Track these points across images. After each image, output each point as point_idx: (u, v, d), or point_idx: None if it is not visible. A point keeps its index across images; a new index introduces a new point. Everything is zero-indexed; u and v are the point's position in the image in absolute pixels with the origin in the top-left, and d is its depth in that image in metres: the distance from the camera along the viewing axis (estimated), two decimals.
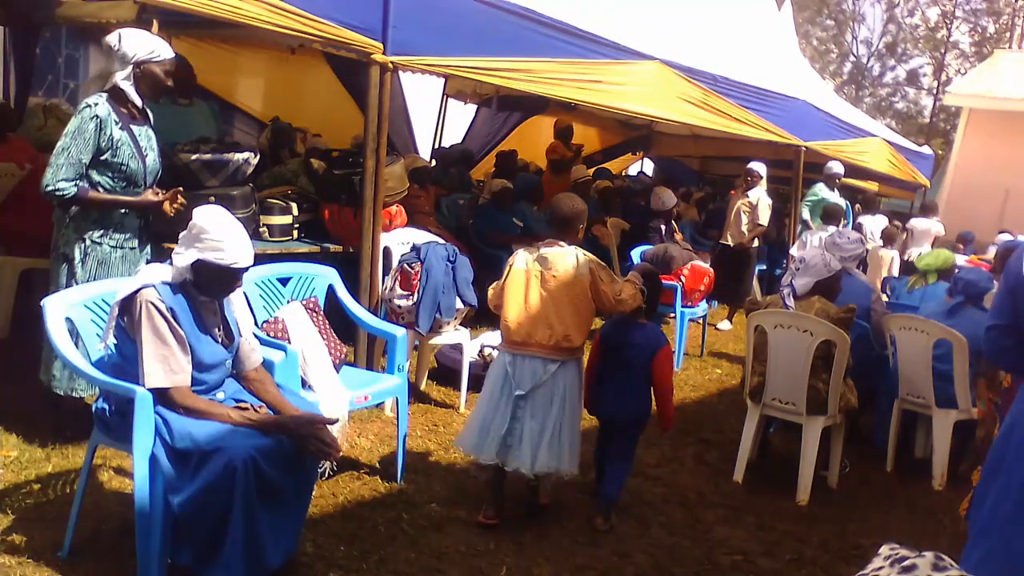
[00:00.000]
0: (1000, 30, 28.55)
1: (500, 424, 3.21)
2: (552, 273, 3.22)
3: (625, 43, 5.58)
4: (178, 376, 2.51)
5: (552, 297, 3.20)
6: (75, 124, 3.21)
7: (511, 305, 3.25)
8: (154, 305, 2.49)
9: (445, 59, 4.45)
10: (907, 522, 3.85)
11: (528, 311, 3.21)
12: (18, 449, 3.44)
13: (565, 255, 3.24)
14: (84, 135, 3.19)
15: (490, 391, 3.29)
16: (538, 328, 3.19)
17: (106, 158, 3.26)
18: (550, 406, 3.22)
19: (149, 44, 3.30)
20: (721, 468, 4.18)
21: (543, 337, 3.19)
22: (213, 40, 7.76)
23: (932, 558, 1.23)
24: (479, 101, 9.74)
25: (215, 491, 2.38)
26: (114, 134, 3.25)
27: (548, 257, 3.25)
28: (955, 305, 4.36)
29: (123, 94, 3.30)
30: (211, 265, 2.54)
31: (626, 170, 12.83)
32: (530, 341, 3.21)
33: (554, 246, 3.28)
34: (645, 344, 3.43)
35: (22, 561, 2.64)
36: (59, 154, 3.18)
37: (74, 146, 3.18)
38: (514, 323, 3.23)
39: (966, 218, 12.25)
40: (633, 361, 3.43)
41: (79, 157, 3.19)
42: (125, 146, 3.30)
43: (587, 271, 3.21)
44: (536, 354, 3.21)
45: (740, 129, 6.99)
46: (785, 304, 3.93)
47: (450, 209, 6.98)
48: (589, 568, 3.07)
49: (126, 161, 3.31)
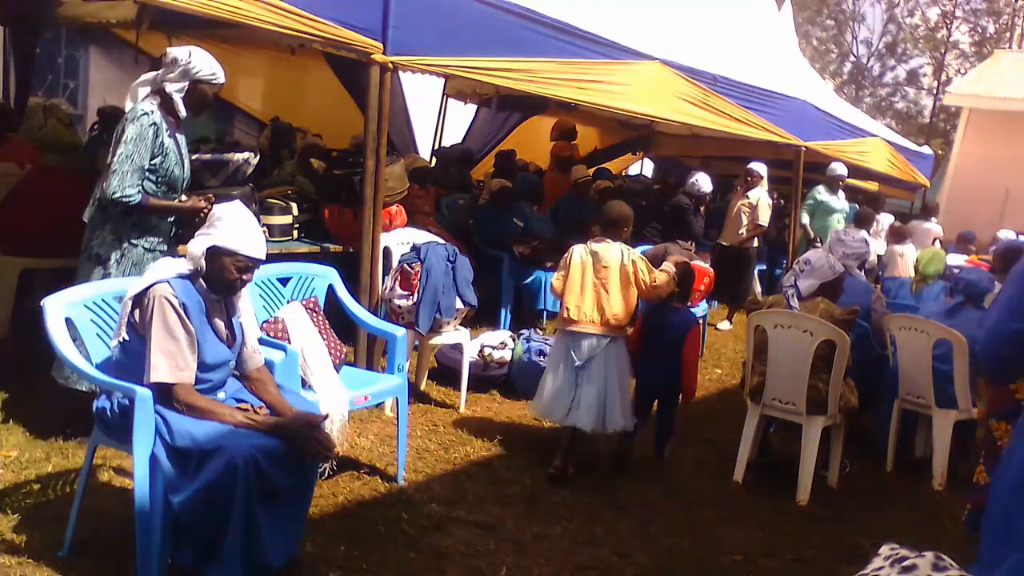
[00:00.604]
0: (1000, 30, 28.54)
1: (565, 391, 3.86)
2: (602, 264, 3.87)
3: (625, 43, 5.58)
4: (183, 373, 2.51)
5: (602, 284, 3.86)
6: (135, 131, 3.30)
7: (570, 292, 3.88)
8: (167, 300, 2.51)
9: (445, 59, 4.45)
10: (907, 522, 3.85)
11: (583, 296, 3.86)
12: (18, 449, 3.44)
13: (612, 249, 3.90)
14: (144, 141, 3.30)
15: (554, 365, 3.97)
16: (592, 310, 3.84)
17: (155, 164, 3.38)
18: (603, 374, 3.84)
19: (212, 67, 3.46)
20: (721, 468, 4.18)
21: (596, 318, 3.84)
22: (213, 40, 7.74)
23: (932, 558, 1.23)
24: (479, 101, 9.72)
25: (215, 491, 2.38)
26: (164, 141, 3.38)
27: (598, 251, 3.90)
28: (955, 305, 4.36)
29: (172, 104, 3.42)
30: (224, 251, 2.57)
31: (626, 170, 12.83)
32: (585, 321, 3.84)
33: (603, 242, 3.93)
34: (678, 325, 4.04)
35: (22, 561, 2.64)
36: (123, 161, 3.27)
37: (136, 153, 3.29)
38: (573, 306, 3.87)
39: (966, 218, 12.23)
40: (667, 339, 4.03)
41: (140, 163, 3.30)
42: (172, 153, 3.44)
43: (629, 262, 3.87)
44: (591, 331, 3.84)
45: (740, 129, 6.99)
46: (789, 305, 3.94)
47: (450, 209, 6.98)
48: (589, 568, 3.07)
49: (171, 168, 3.45)
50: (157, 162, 3.37)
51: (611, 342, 3.86)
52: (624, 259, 3.88)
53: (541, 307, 6.36)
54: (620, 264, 3.86)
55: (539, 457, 4.05)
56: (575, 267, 3.91)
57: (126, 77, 8.35)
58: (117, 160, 3.27)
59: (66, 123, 6.49)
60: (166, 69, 3.40)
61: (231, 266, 2.60)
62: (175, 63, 3.39)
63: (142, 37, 7.34)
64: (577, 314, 3.85)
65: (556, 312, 6.42)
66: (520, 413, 4.67)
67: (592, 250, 3.92)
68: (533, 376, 4.91)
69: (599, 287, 3.86)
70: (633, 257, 3.89)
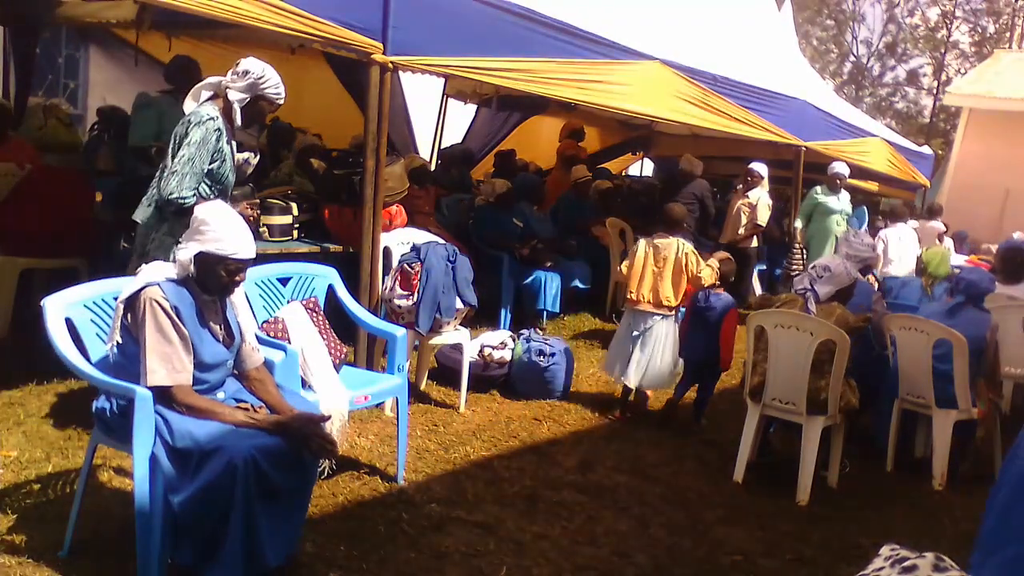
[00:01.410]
0: (1000, 30, 28.53)
1: (624, 355, 4.77)
2: (661, 256, 4.73)
3: (625, 43, 5.59)
4: (180, 375, 2.51)
5: (659, 272, 4.72)
6: (200, 135, 3.38)
7: (633, 277, 4.76)
8: (158, 303, 2.49)
9: (445, 59, 4.45)
10: (907, 522, 3.85)
11: (643, 282, 4.74)
12: (18, 449, 3.44)
13: (669, 244, 4.75)
14: (208, 146, 3.39)
15: (619, 335, 4.91)
16: (649, 293, 4.72)
17: (213, 168, 3.47)
18: (652, 344, 4.72)
19: (278, 88, 3.57)
20: (721, 468, 4.18)
21: (652, 299, 4.72)
22: (213, 40, 7.76)
23: (933, 559, 1.23)
24: (479, 101, 9.73)
25: (215, 490, 2.38)
26: (223, 146, 3.49)
27: (659, 245, 4.76)
28: (955, 305, 4.36)
29: (230, 112, 3.51)
30: (212, 256, 2.55)
31: (626, 170, 12.84)
32: (643, 301, 4.73)
33: (664, 237, 4.78)
34: (718, 307, 4.65)
35: (22, 561, 2.63)
36: (185, 164, 3.36)
37: (198, 156, 3.38)
38: (634, 289, 4.76)
39: (966, 218, 12.25)
40: (710, 319, 4.64)
41: (201, 166, 3.40)
42: (228, 159, 3.56)
43: (682, 255, 4.70)
44: (647, 310, 4.73)
45: (740, 129, 7.00)
46: (807, 309, 3.97)
47: (450, 209, 6.98)
48: (589, 568, 3.07)
49: (226, 172, 3.57)
50: (215, 166, 3.47)
51: (662, 319, 4.74)
52: (679, 252, 4.70)
53: (541, 307, 6.36)
54: (675, 256, 4.68)
55: (539, 457, 4.05)
56: (639, 257, 4.76)
57: (126, 77, 8.38)
58: (179, 162, 3.35)
59: (66, 123, 6.50)
60: (235, 77, 3.47)
61: (221, 270, 2.58)
62: (246, 75, 3.46)
63: (142, 37, 7.35)
64: (637, 296, 4.74)
65: (556, 312, 6.52)
66: (520, 413, 4.68)
67: (654, 244, 4.76)
68: (533, 376, 4.92)
69: (656, 275, 4.71)
70: (686, 251, 4.71)
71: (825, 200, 8.19)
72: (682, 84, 6.15)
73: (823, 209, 8.20)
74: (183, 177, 3.34)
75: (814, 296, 3.99)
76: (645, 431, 4.63)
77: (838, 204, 8.23)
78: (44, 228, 4.82)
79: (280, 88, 3.56)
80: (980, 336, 4.21)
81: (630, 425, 4.73)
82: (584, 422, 4.69)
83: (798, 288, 4.10)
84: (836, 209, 8.21)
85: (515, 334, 5.24)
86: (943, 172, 15.52)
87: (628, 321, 4.84)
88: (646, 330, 4.71)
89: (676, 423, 4.73)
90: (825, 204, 8.19)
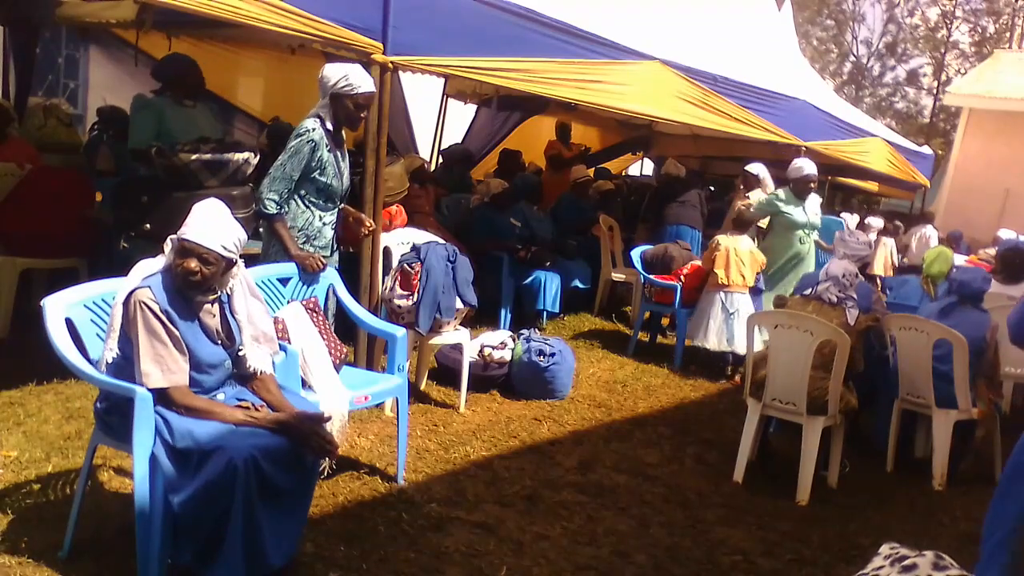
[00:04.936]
0: (1000, 30, 28.57)
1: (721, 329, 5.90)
2: (740, 248, 5.97)
3: (625, 43, 5.58)
4: (175, 376, 2.50)
5: (740, 260, 5.94)
6: (294, 144, 3.66)
7: (719, 266, 5.92)
8: (147, 305, 2.48)
9: (445, 59, 4.45)
10: (907, 522, 3.85)
11: (730, 269, 5.92)
12: (18, 449, 3.44)
13: (744, 239, 6.09)
14: (299, 156, 3.66)
15: (712, 312, 5.92)
16: (737, 276, 5.92)
17: (314, 176, 3.73)
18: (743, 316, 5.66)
19: (347, 77, 3.68)
20: (721, 468, 4.18)
21: (739, 281, 5.93)
22: (213, 40, 7.76)
23: (932, 557, 1.23)
24: (479, 101, 9.72)
25: (215, 490, 2.38)
26: (324, 155, 3.71)
27: (737, 239, 6.01)
28: (948, 304, 4.37)
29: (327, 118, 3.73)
30: (180, 241, 2.52)
31: (626, 170, 12.83)
32: (732, 284, 5.92)
33: (739, 234, 6.08)
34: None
35: (22, 561, 2.63)
36: (276, 168, 3.67)
37: (289, 164, 3.66)
38: (723, 273, 5.92)
39: (966, 218, 12.26)
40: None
41: (291, 174, 3.67)
42: (331, 166, 3.76)
43: (753, 248, 6.11)
44: (736, 290, 5.93)
45: (740, 129, 6.99)
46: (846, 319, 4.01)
47: (450, 209, 6.97)
48: (589, 568, 3.07)
49: (330, 180, 3.78)
50: (316, 175, 3.72)
51: (744, 295, 5.96)
52: (751, 246, 6.08)
53: (541, 307, 6.35)
54: (750, 250, 6.03)
55: (539, 457, 4.06)
56: (722, 250, 5.94)
57: (126, 77, 8.37)
58: (274, 167, 3.67)
59: (66, 123, 6.50)
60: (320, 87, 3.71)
61: (184, 259, 2.52)
62: (320, 80, 3.70)
63: (142, 37, 7.35)
64: (727, 279, 5.90)
65: (555, 312, 6.51)
66: (520, 413, 4.68)
67: (733, 239, 6.00)
68: (533, 376, 4.92)
69: (738, 263, 5.92)
70: (752, 247, 6.08)
71: (787, 210, 6.34)
72: (682, 84, 6.15)
73: (784, 221, 6.39)
74: (272, 180, 3.65)
75: (856, 304, 4.06)
76: (645, 431, 4.63)
77: (803, 216, 6.35)
78: (44, 228, 4.83)
79: (351, 79, 3.66)
80: (980, 336, 4.21)
81: (630, 425, 4.72)
82: (584, 422, 4.69)
83: (806, 291, 4.15)
84: (800, 223, 6.34)
85: (515, 334, 5.24)
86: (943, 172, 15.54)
87: (720, 301, 5.91)
88: (739, 307, 5.84)
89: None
90: (788, 216, 6.34)
